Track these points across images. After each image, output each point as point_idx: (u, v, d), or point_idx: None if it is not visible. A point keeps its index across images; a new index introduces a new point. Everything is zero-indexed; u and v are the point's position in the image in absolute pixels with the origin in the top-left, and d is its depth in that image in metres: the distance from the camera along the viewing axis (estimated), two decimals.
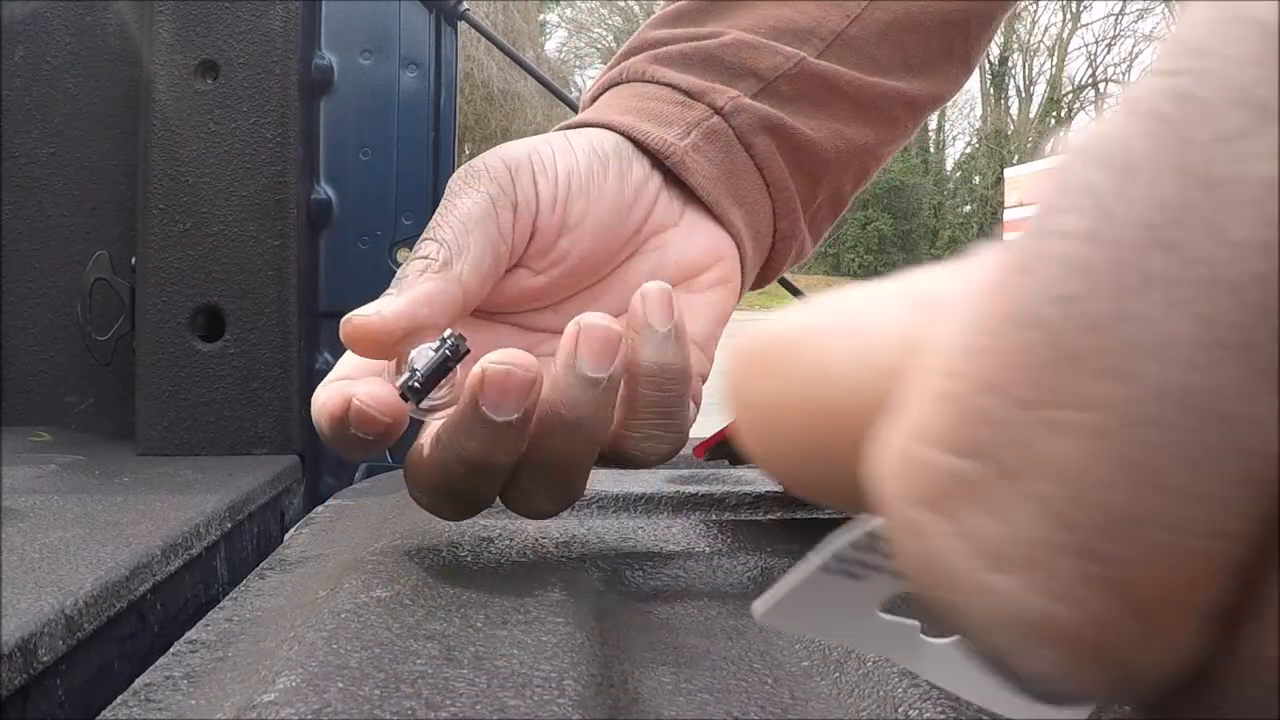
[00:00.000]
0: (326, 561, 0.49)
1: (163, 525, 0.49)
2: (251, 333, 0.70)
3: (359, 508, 0.61)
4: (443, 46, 0.77)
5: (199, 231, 0.70)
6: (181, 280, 0.70)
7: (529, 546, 0.48)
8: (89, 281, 0.77)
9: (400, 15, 0.76)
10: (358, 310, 0.40)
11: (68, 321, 0.77)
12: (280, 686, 0.31)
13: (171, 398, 0.70)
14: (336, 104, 0.75)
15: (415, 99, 0.75)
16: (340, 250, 0.74)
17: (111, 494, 0.56)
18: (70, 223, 0.78)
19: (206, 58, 0.70)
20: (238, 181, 0.70)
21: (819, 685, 0.35)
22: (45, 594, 0.38)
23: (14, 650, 0.34)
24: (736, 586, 0.45)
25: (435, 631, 0.36)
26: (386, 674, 0.32)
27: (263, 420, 0.70)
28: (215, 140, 0.70)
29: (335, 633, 0.35)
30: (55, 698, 0.37)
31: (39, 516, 0.50)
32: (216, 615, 0.42)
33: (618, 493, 0.60)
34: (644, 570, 0.46)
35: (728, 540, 0.49)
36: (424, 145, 0.76)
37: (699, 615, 0.42)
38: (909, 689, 0.32)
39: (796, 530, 0.51)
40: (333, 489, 0.75)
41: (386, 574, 0.43)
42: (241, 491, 0.58)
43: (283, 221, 0.70)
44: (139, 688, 0.34)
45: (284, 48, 0.70)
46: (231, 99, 0.70)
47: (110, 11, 0.78)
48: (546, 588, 0.41)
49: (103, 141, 0.78)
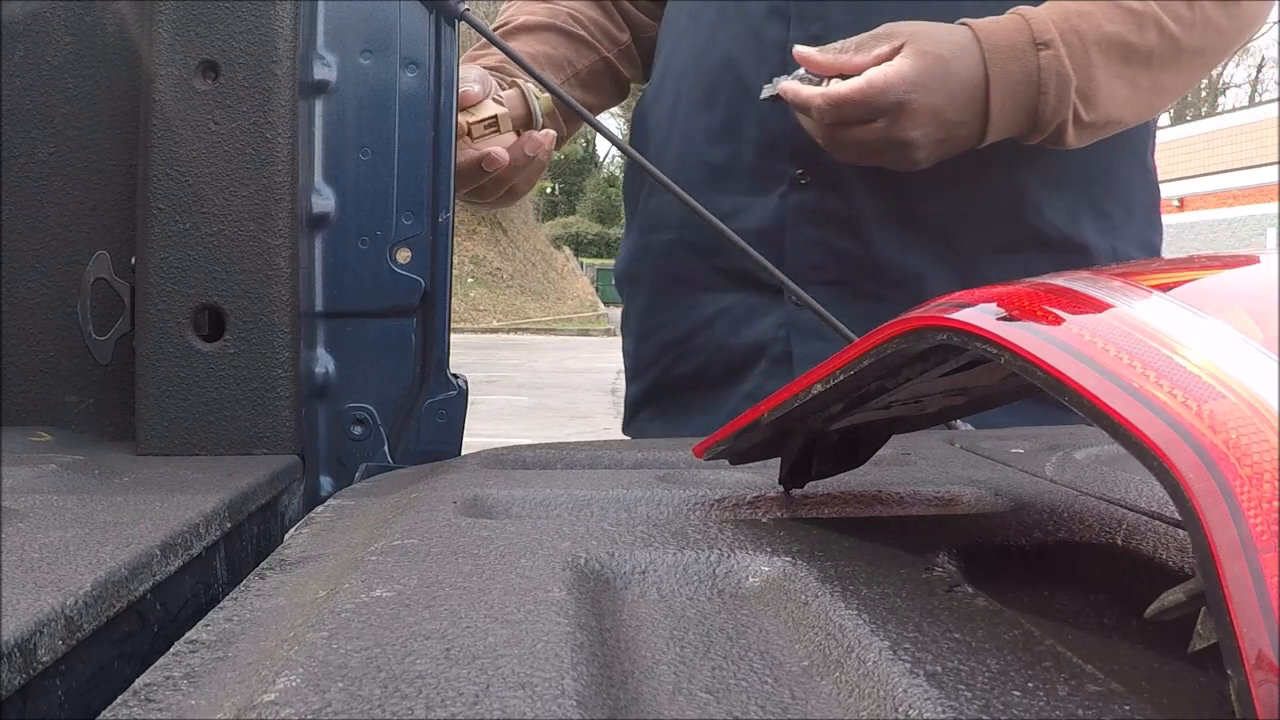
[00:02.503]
0: (326, 561, 0.49)
1: (163, 525, 0.49)
2: (251, 333, 0.70)
3: (359, 508, 0.61)
4: (443, 46, 0.77)
5: (199, 231, 0.70)
6: (181, 280, 0.70)
7: (529, 546, 0.48)
8: (89, 281, 0.77)
9: (400, 15, 0.76)
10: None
11: (68, 321, 0.77)
12: (280, 686, 0.31)
13: (171, 398, 0.70)
14: (336, 104, 0.75)
15: (415, 99, 0.75)
16: (340, 250, 0.74)
17: (111, 494, 0.56)
18: (70, 223, 0.78)
19: (206, 58, 0.70)
20: (238, 181, 0.70)
21: (819, 685, 0.35)
22: (45, 594, 0.38)
23: (14, 650, 0.34)
24: (736, 586, 0.45)
25: (435, 631, 0.36)
26: (386, 674, 0.32)
27: (263, 420, 0.70)
28: (215, 140, 0.70)
29: (335, 633, 0.35)
30: (55, 698, 0.37)
31: (39, 516, 0.50)
32: (216, 615, 0.42)
33: (618, 493, 0.60)
34: (644, 570, 0.46)
35: (727, 540, 0.49)
36: (424, 145, 0.76)
37: (699, 614, 0.42)
38: (909, 689, 0.32)
39: (797, 530, 0.51)
40: (332, 489, 0.75)
41: (386, 574, 0.43)
42: (241, 491, 0.58)
43: (283, 221, 0.70)
44: (139, 688, 0.34)
45: (284, 48, 0.70)
46: (231, 99, 0.70)
47: (110, 11, 0.78)
48: (546, 588, 0.41)
49: (103, 141, 0.78)
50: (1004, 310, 0.38)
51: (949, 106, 0.84)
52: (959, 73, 0.84)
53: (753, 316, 1.04)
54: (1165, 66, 0.92)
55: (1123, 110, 0.92)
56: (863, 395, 0.49)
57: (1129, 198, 1.05)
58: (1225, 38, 0.96)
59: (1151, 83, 0.92)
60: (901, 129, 0.84)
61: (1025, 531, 0.51)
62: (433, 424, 0.76)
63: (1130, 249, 1.05)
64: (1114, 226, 1.03)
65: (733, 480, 0.64)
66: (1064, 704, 0.31)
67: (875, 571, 0.44)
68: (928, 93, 0.83)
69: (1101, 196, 1.02)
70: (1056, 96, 0.86)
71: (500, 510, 0.58)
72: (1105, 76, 0.88)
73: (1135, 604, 0.43)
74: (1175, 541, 0.49)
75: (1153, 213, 1.09)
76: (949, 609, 0.39)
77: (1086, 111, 0.88)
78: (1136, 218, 1.06)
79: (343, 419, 0.75)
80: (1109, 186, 1.03)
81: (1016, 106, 0.86)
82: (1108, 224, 1.03)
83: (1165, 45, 0.91)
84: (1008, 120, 0.87)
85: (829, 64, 0.84)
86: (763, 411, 0.51)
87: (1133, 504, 0.56)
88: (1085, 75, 0.87)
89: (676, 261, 1.08)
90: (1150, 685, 0.36)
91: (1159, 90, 0.94)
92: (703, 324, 1.07)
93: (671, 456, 0.73)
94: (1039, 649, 0.36)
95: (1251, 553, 0.26)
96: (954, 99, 0.84)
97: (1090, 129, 0.91)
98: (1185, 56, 0.93)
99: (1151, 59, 0.91)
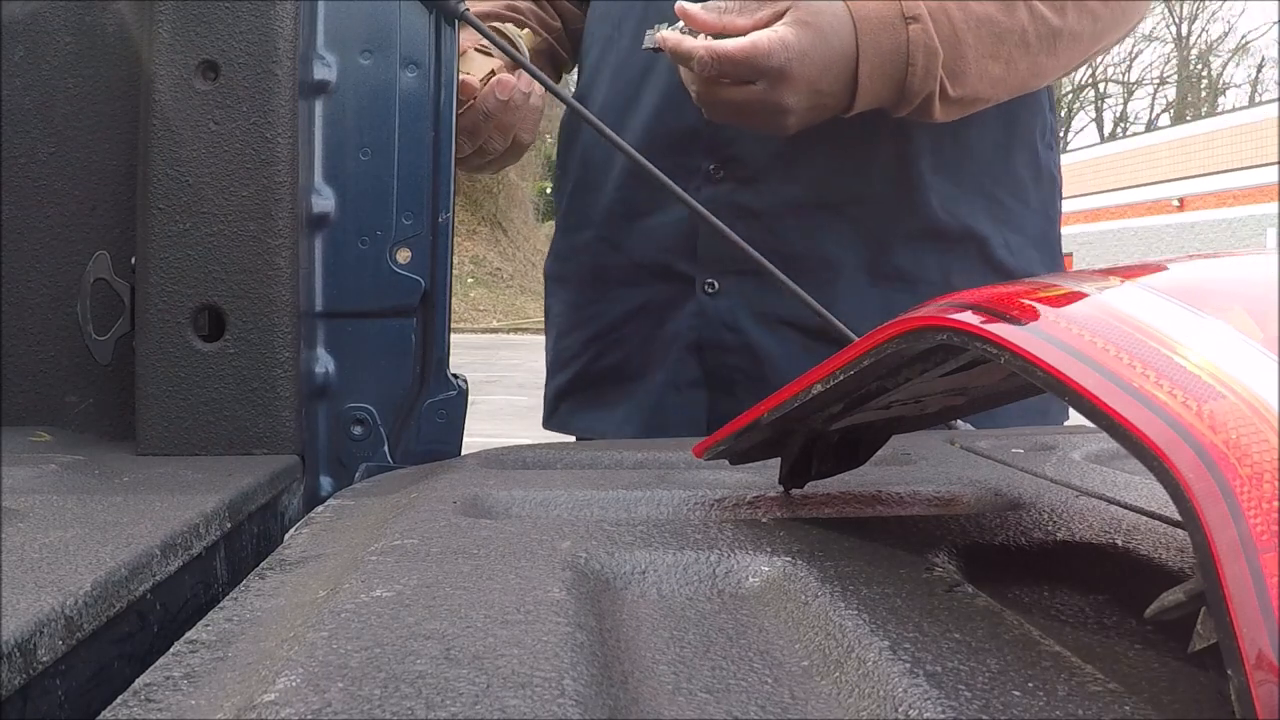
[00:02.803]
0: (326, 561, 0.49)
1: (163, 525, 0.49)
2: (251, 333, 0.70)
3: (359, 508, 0.61)
4: (443, 46, 0.77)
5: (199, 231, 0.70)
6: (181, 280, 0.70)
7: (529, 546, 0.48)
8: (89, 281, 0.77)
9: (400, 15, 0.76)
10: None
11: (68, 321, 0.77)
12: (280, 686, 0.31)
13: (171, 398, 0.70)
14: (336, 104, 0.75)
15: (415, 99, 0.75)
16: (340, 250, 0.74)
17: (111, 494, 0.56)
18: (70, 223, 0.78)
19: (206, 58, 0.70)
20: (238, 181, 0.70)
21: (819, 685, 0.35)
22: (45, 594, 0.38)
23: (14, 650, 0.34)
24: (736, 586, 0.45)
25: (435, 631, 0.36)
26: (386, 674, 0.32)
27: (263, 420, 0.70)
28: (215, 140, 0.70)
29: (335, 633, 0.35)
30: (55, 698, 0.37)
31: (39, 516, 0.50)
32: (216, 615, 0.42)
33: (617, 493, 0.60)
34: (644, 570, 0.46)
35: (727, 540, 0.49)
36: (424, 145, 0.76)
37: (699, 615, 0.42)
38: (909, 689, 0.32)
39: (797, 530, 0.51)
40: (332, 489, 0.75)
41: (386, 574, 0.43)
42: (241, 491, 0.58)
43: (283, 221, 0.70)
44: (139, 688, 0.34)
45: (284, 48, 0.70)
46: (231, 99, 0.70)
47: (110, 11, 0.78)
48: (546, 588, 0.41)
49: (103, 141, 0.78)
50: (1004, 310, 0.38)
51: (822, 77, 0.87)
52: (835, 44, 0.86)
53: (669, 308, 1.07)
54: (1042, 49, 0.94)
55: (995, 89, 0.94)
56: (863, 395, 0.49)
57: (1022, 189, 1.07)
58: (1102, 23, 0.98)
59: (1029, 64, 0.94)
60: (779, 94, 0.86)
61: (1025, 531, 0.51)
62: (433, 424, 0.77)
63: (1026, 241, 1.07)
64: (1009, 216, 1.06)
65: (733, 480, 0.64)
66: (1064, 704, 0.31)
67: (875, 571, 0.44)
68: (807, 62, 0.85)
69: (994, 186, 1.05)
70: (924, 69, 0.88)
71: (500, 510, 0.58)
72: (975, 55, 0.90)
73: (1135, 604, 0.43)
74: (1175, 541, 0.49)
75: (1049, 206, 1.11)
76: (949, 609, 0.39)
77: (953, 87, 0.90)
78: (1032, 209, 1.09)
79: (343, 419, 0.75)
80: (1000, 176, 1.06)
81: (884, 78, 0.88)
82: (1002, 213, 1.06)
83: (1039, 27, 0.93)
84: (875, 90, 0.89)
85: (712, 23, 0.86)
86: (763, 411, 0.51)
87: (1133, 504, 0.56)
88: (953, 51, 0.89)
89: (598, 258, 1.13)
90: (1150, 685, 0.36)
91: (1036, 72, 0.96)
92: (625, 317, 1.11)
93: (671, 456, 0.73)
94: (1039, 649, 0.36)
95: (1251, 553, 0.26)
96: (827, 70, 0.87)
97: (957, 104, 0.93)
98: (1063, 40, 0.95)
99: (1027, 40, 0.93)
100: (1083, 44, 0.98)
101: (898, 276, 1.02)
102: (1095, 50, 1.02)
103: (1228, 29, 46.83)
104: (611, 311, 1.11)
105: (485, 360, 13.13)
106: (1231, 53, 36.31)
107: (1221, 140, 18.52)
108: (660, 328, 1.08)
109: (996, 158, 1.05)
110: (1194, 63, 35.90)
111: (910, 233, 1.02)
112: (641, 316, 1.09)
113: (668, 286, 1.07)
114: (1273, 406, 0.29)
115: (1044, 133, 1.10)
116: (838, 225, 1.01)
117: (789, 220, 1.02)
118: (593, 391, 1.14)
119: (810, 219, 1.01)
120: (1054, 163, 1.12)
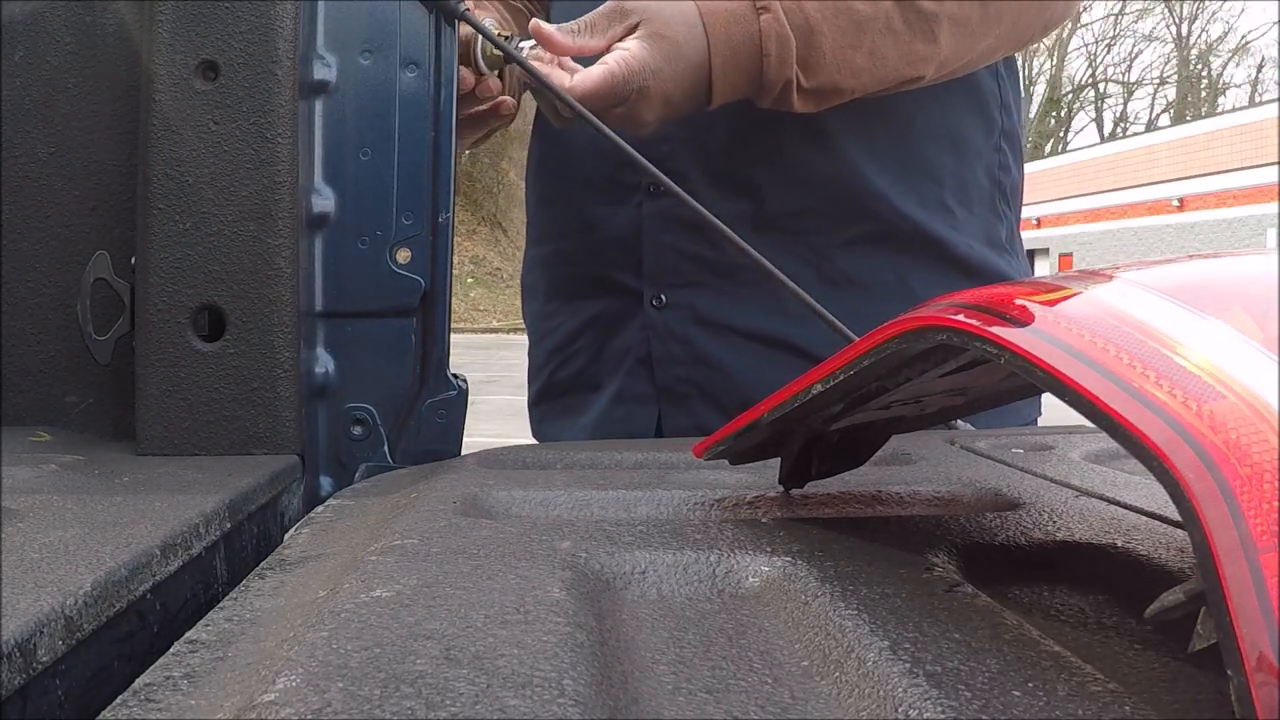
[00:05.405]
0: (326, 561, 0.49)
1: (163, 525, 0.49)
2: (251, 333, 0.70)
3: (359, 508, 0.61)
4: (443, 46, 0.77)
5: (199, 231, 0.70)
6: (181, 280, 0.70)
7: (529, 546, 0.48)
8: (89, 281, 0.77)
9: (400, 15, 0.76)
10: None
11: (68, 321, 0.77)
12: (280, 686, 0.31)
13: (171, 398, 0.70)
14: (336, 104, 0.75)
15: (415, 99, 0.75)
16: (340, 250, 0.74)
17: (111, 494, 0.56)
18: (70, 223, 0.78)
19: (206, 58, 0.70)
20: (237, 181, 0.70)
21: (819, 685, 0.35)
22: (45, 594, 0.38)
23: (14, 650, 0.34)
24: (736, 586, 0.45)
25: (435, 631, 0.36)
26: (386, 674, 0.32)
27: (262, 420, 0.70)
28: (215, 140, 0.70)
29: (335, 633, 0.35)
30: (55, 698, 0.37)
31: (39, 516, 0.50)
32: (216, 615, 0.42)
33: (617, 493, 0.60)
34: (644, 570, 0.46)
35: (727, 540, 0.49)
36: (424, 145, 0.76)
37: (698, 615, 0.42)
38: (909, 689, 0.32)
39: (796, 530, 0.51)
40: (332, 489, 0.75)
41: (386, 574, 0.43)
42: (241, 491, 0.58)
43: (283, 221, 0.70)
44: (139, 688, 0.34)
45: (284, 48, 0.70)
46: (231, 99, 0.70)
47: (110, 11, 0.78)
48: (546, 588, 0.41)
49: (103, 141, 0.78)
50: (1004, 310, 0.38)
51: (677, 89, 0.87)
52: (688, 54, 0.86)
53: (619, 321, 1.08)
54: (916, 35, 0.91)
55: (859, 78, 0.92)
56: (863, 395, 0.49)
57: (963, 190, 1.06)
58: (990, 7, 0.94)
59: (901, 52, 0.91)
60: (638, 112, 0.87)
61: (1025, 531, 0.51)
62: (432, 424, 0.77)
63: (973, 240, 1.05)
64: (959, 219, 1.05)
65: (733, 480, 0.64)
66: (1064, 704, 0.31)
67: (875, 571, 0.44)
68: (662, 77, 0.86)
69: (934, 188, 1.04)
70: (778, 58, 0.88)
71: (500, 510, 0.58)
72: (833, 45, 0.89)
73: (1135, 604, 0.43)
74: (1175, 541, 0.49)
75: (994, 205, 1.09)
76: (949, 609, 0.39)
77: (808, 77, 0.90)
78: (975, 211, 1.07)
79: (343, 419, 0.75)
80: (936, 177, 1.04)
81: (738, 70, 0.88)
82: (951, 219, 1.04)
83: (908, 14, 0.90)
84: (732, 83, 0.89)
85: (568, 47, 0.86)
86: (763, 411, 0.51)
87: (1132, 504, 0.56)
88: (807, 40, 0.88)
89: (555, 270, 1.14)
90: (1150, 685, 0.36)
91: (912, 60, 0.93)
92: (579, 330, 1.12)
93: (671, 456, 0.73)
94: (1039, 649, 0.36)
95: (1251, 553, 0.26)
96: (682, 81, 0.87)
97: (814, 94, 0.91)
98: (943, 24, 0.92)
99: (893, 27, 0.90)
100: (974, 28, 0.94)
101: (847, 281, 1.01)
102: (1009, 35, 0.97)
103: (1228, 29, 46.86)
104: (569, 324, 1.12)
105: (485, 360, 13.13)
106: (1231, 53, 36.32)
107: (1221, 140, 18.52)
108: (611, 340, 1.09)
109: (944, 160, 1.04)
110: (1194, 63, 35.90)
111: (856, 237, 1.01)
112: (593, 329, 1.10)
113: (616, 300, 1.07)
114: (1273, 406, 0.29)
115: (992, 133, 1.08)
116: (778, 239, 1.01)
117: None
118: (558, 402, 1.16)
119: (749, 230, 1.00)
120: (1006, 164, 1.10)
